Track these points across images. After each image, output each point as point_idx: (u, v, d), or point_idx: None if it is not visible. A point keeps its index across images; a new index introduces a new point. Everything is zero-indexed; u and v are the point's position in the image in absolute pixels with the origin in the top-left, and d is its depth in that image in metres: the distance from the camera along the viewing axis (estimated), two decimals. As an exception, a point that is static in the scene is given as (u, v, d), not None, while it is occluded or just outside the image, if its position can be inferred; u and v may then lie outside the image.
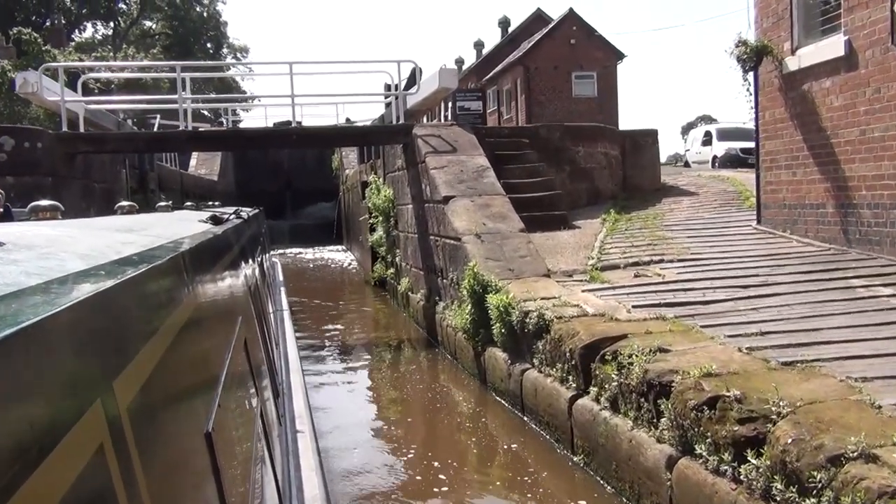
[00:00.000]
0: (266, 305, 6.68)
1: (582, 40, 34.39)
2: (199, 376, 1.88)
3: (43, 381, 0.80)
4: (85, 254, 1.52)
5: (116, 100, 18.45)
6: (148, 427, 1.18)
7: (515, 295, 8.00)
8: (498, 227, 10.15)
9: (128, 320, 1.26)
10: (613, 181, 15.05)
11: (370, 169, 19.37)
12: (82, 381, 0.93)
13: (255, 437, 2.69)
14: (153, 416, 1.26)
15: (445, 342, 10.55)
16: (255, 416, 2.88)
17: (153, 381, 1.26)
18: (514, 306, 7.72)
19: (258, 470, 2.56)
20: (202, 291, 2.19)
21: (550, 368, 6.81)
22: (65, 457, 0.79)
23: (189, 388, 1.71)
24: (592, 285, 8.49)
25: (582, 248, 10.44)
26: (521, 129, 14.76)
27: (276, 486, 2.91)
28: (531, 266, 9.22)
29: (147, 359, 1.26)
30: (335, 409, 8.57)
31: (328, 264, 28.08)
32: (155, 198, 19.29)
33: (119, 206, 5.12)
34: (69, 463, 0.80)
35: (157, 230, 2.81)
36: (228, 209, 7.81)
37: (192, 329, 1.83)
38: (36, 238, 1.71)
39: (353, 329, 14.42)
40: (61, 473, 0.78)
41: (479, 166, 11.88)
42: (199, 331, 1.98)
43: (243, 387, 2.78)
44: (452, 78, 14.02)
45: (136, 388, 1.14)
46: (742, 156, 25.19)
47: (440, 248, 11.22)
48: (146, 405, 1.19)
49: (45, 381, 0.80)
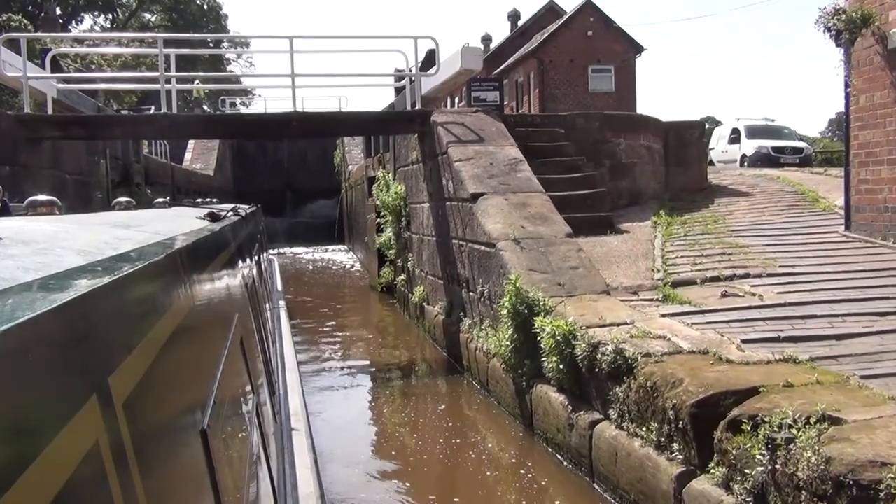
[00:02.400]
0: (263, 303, 6.56)
1: (600, 32, 32.60)
2: (196, 373, 1.86)
3: (39, 377, 0.80)
4: (82, 249, 1.52)
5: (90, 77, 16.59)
6: (143, 423, 1.18)
7: (576, 319, 6.21)
8: (539, 231, 8.35)
9: (124, 317, 1.25)
10: (656, 179, 13.24)
11: (378, 163, 17.58)
12: (78, 377, 0.93)
13: (251, 434, 2.71)
14: (149, 413, 1.26)
15: (473, 369, 8.75)
16: (250, 413, 2.88)
17: (149, 378, 1.25)
18: (578, 335, 5.93)
19: (253, 467, 2.54)
20: (199, 288, 2.14)
21: (638, 426, 5.01)
22: (60, 452, 0.78)
23: (185, 384, 1.70)
24: (670, 307, 6.70)
25: (639, 257, 8.65)
26: (555, 117, 12.94)
27: (271, 483, 2.92)
28: (586, 280, 7.43)
29: (143, 355, 1.26)
30: (335, 453, 6.80)
31: (329, 266, 26.29)
32: (140, 193, 17.52)
33: (117, 202, 5.11)
34: (64, 459, 0.80)
35: (154, 226, 2.77)
36: (226, 206, 7.60)
37: (189, 326, 1.81)
38: (33, 233, 1.70)
39: (358, 344, 12.61)
40: (56, 469, 0.77)
41: (512, 158, 10.08)
42: (196, 328, 1.96)
43: (239, 384, 2.76)
44: (477, 58, 12.23)
45: (131, 384, 1.14)
46: (774, 155, 23.54)
47: (465, 255, 9.44)
48: (142, 402, 1.18)
49: (40, 376, 0.80)
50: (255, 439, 2.76)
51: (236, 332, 2.90)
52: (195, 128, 11.38)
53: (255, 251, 7.56)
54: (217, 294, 2.73)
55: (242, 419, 2.63)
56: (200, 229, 3.21)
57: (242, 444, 2.45)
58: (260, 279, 7.33)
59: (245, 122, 12.13)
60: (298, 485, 3.40)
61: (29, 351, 0.78)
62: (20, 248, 1.37)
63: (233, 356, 2.61)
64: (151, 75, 13.89)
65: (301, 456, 3.80)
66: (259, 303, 5.74)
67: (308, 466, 3.67)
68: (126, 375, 1.11)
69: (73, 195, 13.16)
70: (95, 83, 16.21)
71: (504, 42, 42.36)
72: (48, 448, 0.75)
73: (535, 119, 12.42)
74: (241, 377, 2.86)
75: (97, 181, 14.83)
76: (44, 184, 12.26)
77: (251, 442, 2.65)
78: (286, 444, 3.91)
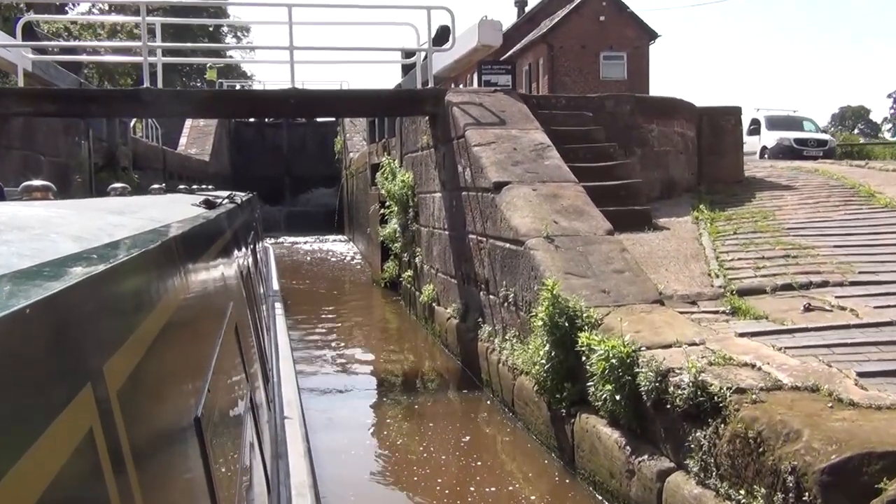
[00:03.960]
0: (258, 291, 6.52)
1: (612, 17, 31.32)
2: (190, 361, 1.85)
3: (33, 364, 0.80)
4: (77, 236, 1.50)
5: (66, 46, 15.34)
6: (137, 411, 1.17)
7: (633, 338, 5.05)
8: (575, 228, 7.18)
9: (119, 304, 1.24)
10: (689, 169, 12.06)
11: (382, 149, 16.38)
12: (73, 365, 0.92)
13: (245, 422, 2.70)
14: (143, 400, 1.25)
15: (495, 384, 7.60)
16: (244, 401, 2.86)
17: (143, 366, 1.24)
18: (642, 360, 4.77)
19: (247, 455, 2.56)
20: (194, 276, 2.13)
21: (733, 487, 3.85)
22: (54, 439, 0.78)
23: (179, 372, 1.68)
24: (744, 323, 5.55)
25: (689, 258, 7.49)
26: (581, 99, 11.74)
27: (264, 470, 2.93)
28: (634, 287, 6.27)
29: (138, 343, 1.25)
30: (328, 481, 5.66)
31: (327, 257, 25.09)
32: (128, 178, 16.33)
33: (112, 188, 5.07)
34: (58, 446, 0.80)
35: (149, 213, 2.72)
36: (222, 193, 7.29)
37: (184, 314, 1.82)
38: (28, 219, 1.68)
39: (359, 348, 11.44)
40: (51, 456, 0.77)
41: (538, 143, 8.90)
42: (191, 316, 1.96)
43: (233, 372, 2.74)
44: (495, 33, 11.02)
45: (126, 372, 1.13)
46: (796, 147, 22.45)
47: (485, 253, 8.27)
48: (136, 389, 1.17)
49: (35, 363, 0.80)
50: (248, 427, 2.76)
51: (231, 320, 2.90)
52: (183, 105, 10.17)
53: (250, 239, 7.54)
54: (212, 282, 2.72)
55: (236, 407, 2.64)
56: (196, 216, 3.16)
57: (236, 431, 2.44)
58: (255, 267, 7.32)
59: (239, 99, 10.93)
60: (291, 472, 3.41)
61: (24, 338, 0.78)
62: (15, 234, 1.37)
63: (227, 344, 2.60)
64: (135, 45, 12.64)
65: (294, 444, 3.80)
66: (254, 291, 5.73)
67: (301, 454, 3.69)
68: (120, 363, 1.11)
69: (48, 179, 11.97)
70: (76, 54, 14.93)
71: (510, 28, 40.89)
72: (43, 436, 0.75)
73: (560, 101, 11.22)
74: (236, 365, 2.86)
75: (78, 164, 13.64)
76: (14, 166, 11.07)
77: (245, 430, 2.63)
78: (280, 432, 3.93)
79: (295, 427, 4.09)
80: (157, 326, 1.40)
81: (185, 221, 2.66)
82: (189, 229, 2.35)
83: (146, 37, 9.85)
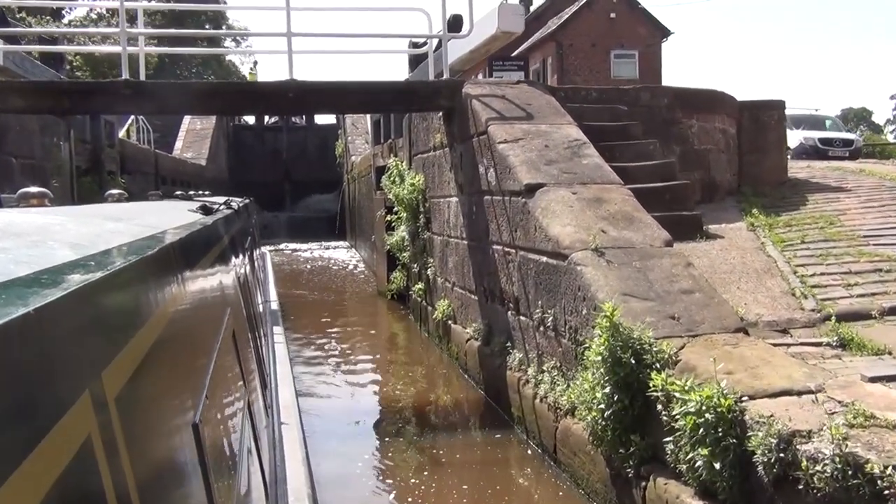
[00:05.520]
0: (255, 297, 6.51)
1: (623, 14, 30.18)
2: (188, 368, 1.84)
3: (31, 371, 0.78)
4: (74, 243, 1.50)
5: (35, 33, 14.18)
6: (136, 418, 1.15)
7: (729, 383, 3.88)
8: (628, 238, 6.01)
9: (116, 311, 1.23)
10: (730, 170, 10.89)
11: (389, 151, 15.22)
12: (71, 372, 0.91)
13: (243, 428, 2.69)
14: (141, 407, 1.24)
15: (530, 423, 6.43)
16: (242, 407, 2.85)
17: (141, 373, 1.23)
18: (749, 417, 3.59)
19: (245, 461, 2.52)
20: (192, 283, 2.12)
21: None
22: (53, 447, 0.77)
23: (177, 379, 1.67)
24: (861, 360, 4.39)
25: (761, 273, 6.32)
26: (614, 91, 10.62)
27: (262, 477, 2.90)
28: (709, 311, 5.09)
29: (135, 350, 1.23)
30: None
31: (329, 265, 23.91)
32: (114, 182, 15.16)
33: (109, 194, 4.96)
34: (57, 453, 0.79)
35: (146, 219, 2.73)
36: (219, 199, 7.31)
37: (181, 320, 1.80)
38: (24, 226, 1.68)
39: (364, 371, 10.24)
40: (49, 463, 0.76)
41: (572, 139, 7.73)
42: (188, 322, 1.95)
43: (231, 378, 2.72)
44: (517, 18, 9.86)
45: (124, 378, 1.12)
46: (821, 147, 21.33)
47: (515, 267, 7.10)
48: (134, 396, 1.16)
49: (33, 371, 0.79)
50: (246, 433, 2.73)
51: (228, 326, 2.87)
52: (167, 100, 9.00)
53: (247, 245, 7.45)
54: (209, 288, 2.69)
55: (234, 413, 2.62)
56: (193, 223, 3.17)
57: (234, 437, 2.42)
58: (252, 273, 7.29)
59: (230, 92, 9.75)
60: (289, 478, 3.41)
61: (21, 346, 0.77)
62: (11, 241, 1.36)
63: (225, 350, 2.57)
64: (112, 31, 11.48)
65: (292, 449, 3.79)
66: (251, 297, 5.70)
67: (299, 460, 3.68)
68: (118, 370, 1.09)
69: (20, 183, 10.82)
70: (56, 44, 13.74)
71: (516, 27, 39.89)
72: (42, 443, 0.74)
73: (591, 94, 10.04)
74: (233, 371, 2.83)
75: (56, 167, 12.46)
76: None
77: (243, 436, 2.62)
78: (277, 438, 3.90)
79: (292, 432, 4.09)
80: (154, 333, 1.38)
81: (183, 228, 2.64)
82: (186, 236, 2.34)
83: (124, 23, 8.69)
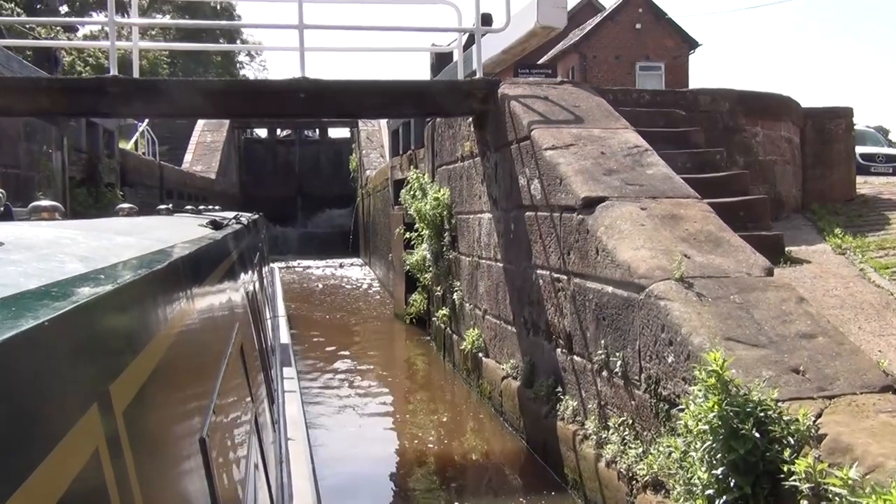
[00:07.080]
0: (263, 312, 6.47)
1: (649, 25, 29.07)
2: (196, 382, 1.82)
3: (40, 384, 0.78)
4: (84, 256, 1.50)
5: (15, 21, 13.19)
6: (143, 432, 1.15)
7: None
8: (718, 265, 4.81)
9: (125, 325, 1.22)
10: (796, 184, 9.68)
11: (408, 162, 14.12)
12: (79, 385, 0.90)
13: (250, 443, 2.67)
14: (149, 421, 1.23)
15: (591, 491, 5.21)
16: (249, 422, 2.81)
17: (149, 386, 1.22)
18: None
19: (252, 476, 2.50)
20: (200, 298, 2.10)
21: None
22: (61, 460, 0.77)
23: (185, 393, 1.66)
24: None
25: (879, 307, 5.13)
26: (670, 94, 9.50)
27: (269, 492, 2.87)
28: (841, 363, 3.89)
29: (144, 364, 1.22)
30: None
31: (342, 284, 22.77)
32: (112, 194, 14.11)
33: (119, 208, 5.04)
34: (65, 466, 0.78)
35: (156, 234, 2.74)
36: (228, 214, 7.26)
37: (189, 335, 1.79)
38: (35, 239, 1.68)
39: (379, 407, 9.01)
40: (57, 476, 0.76)
41: (632, 146, 6.56)
42: (196, 337, 1.94)
43: (239, 393, 2.69)
44: (559, 12, 8.69)
45: (132, 392, 1.11)
46: (863, 163, 20.06)
47: (568, 297, 5.92)
48: (142, 410, 1.15)
49: (42, 384, 0.78)
50: (253, 448, 2.71)
51: (236, 341, 2.85)
52: (160, 100, 7.91)
53: (256, 260, 7.45)
54: (218, 303, 2.65)
55: (241, 428, 2.57)
56: (202, 237, 3.15)
57: (241, 453, 2.39)
58: (261, 288, 7.27)
59: (233, 91, 8.62)
60: (296, 494, 3.40)
61: (31, 359, 0.76)
62: (22, 254, 1.36)
63: (233, 365, 2.55)
64: (100, 20, 10.46)
65: (298, 465, 3.78)
66: (259, 312, 5.67)
67: (306, 476, 3.66)
68: (127, 384, 1.08)
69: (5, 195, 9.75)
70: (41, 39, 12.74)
71: (536, 40, 38.90)
72: (49, 456, 0.74)
73: (643, 97, 8.87)
74: (241, 386, 2.80)
75: (45, 178, 11.40)
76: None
77: (250, 451, 2.59)
78: (284, 453, 3.91)
79: (300, 448, 4.06)
80: (163, 347, 1.38)
81: (192, 242, 2.62)
82: (195, 250, 2.30)
83: (113, 12, 7.62)
